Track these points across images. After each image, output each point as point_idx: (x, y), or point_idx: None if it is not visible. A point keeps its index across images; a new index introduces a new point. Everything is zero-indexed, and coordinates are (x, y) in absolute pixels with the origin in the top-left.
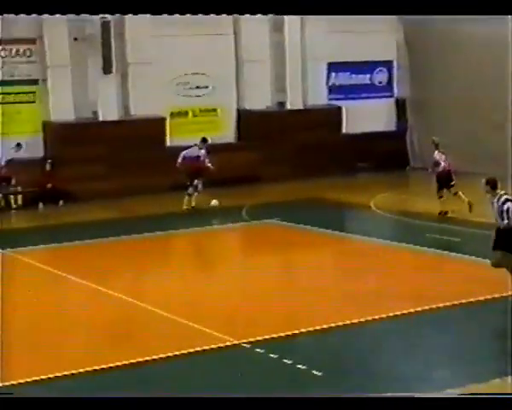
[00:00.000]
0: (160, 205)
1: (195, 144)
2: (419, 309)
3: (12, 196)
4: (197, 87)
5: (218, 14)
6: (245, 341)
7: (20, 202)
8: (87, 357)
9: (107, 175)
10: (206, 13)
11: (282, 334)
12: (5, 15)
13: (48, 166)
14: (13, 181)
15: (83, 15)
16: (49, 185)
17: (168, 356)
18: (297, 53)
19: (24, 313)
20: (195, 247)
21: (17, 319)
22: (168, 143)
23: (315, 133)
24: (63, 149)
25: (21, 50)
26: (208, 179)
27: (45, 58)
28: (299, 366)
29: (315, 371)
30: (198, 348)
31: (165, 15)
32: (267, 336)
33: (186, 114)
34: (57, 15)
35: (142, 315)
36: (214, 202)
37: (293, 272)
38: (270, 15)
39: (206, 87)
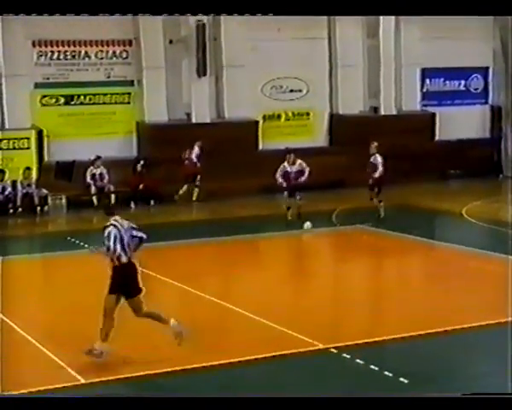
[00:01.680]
0: (251, 208)
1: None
2: (510, 320)
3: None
4: (291, 91)
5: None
6: (332, 346)
7: (112, 201)
8: (176, 356)
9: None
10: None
11: (370, 340)
12: (101, 16)
13: (140, 167)
14: (105, 180)
15: (178, 17)
16: (142, 186)
17: (256, 358)
18: (391, 58)
19: None
20: (286, 251)
21: None
22: (260, 147)
23: (407, 139)
24: (156, 150)
25: (118, 52)
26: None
27: (141, 60)
28: (386, 373)
29: (402, 379)
30: (286, 352)
31: (259, 18)
32: (354, 342)
33: (279, 117)
34: (153, 17)
35: (230, 317)
36: (307, 226)
37: (383, 278)
38: (365, 20)
39: (300, 91)
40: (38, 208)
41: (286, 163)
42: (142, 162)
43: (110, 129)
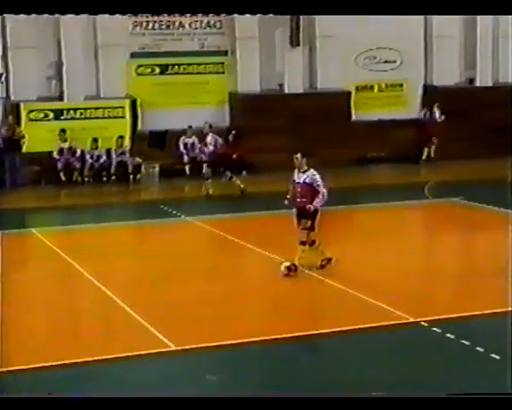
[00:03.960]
0: (344, 179)
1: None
2: None
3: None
4: (385, 62)
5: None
6: (423, 319)
7: (204, 170)
8: (266, 326)
9: (290, 147)
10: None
11: (461, 314)
12: None
13: (232, 137)
14: (197, 149)
15: None
16: (234, 156)
17: (342, 330)
18: (488, 30)
19: (197, 279)
20: (378, 222)
21: (197, 282)
22: (353, 118)
23: (503, 112)
24: (248, 120)
25: (212, 22)
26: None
27: (234, 30)
28: (478, 349)
29: (493, 355)
30: (376, 324)
31: None
32: (445, 316)
33: (371, 88)
34: None
35: (320, 288)
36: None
37: (475, 252)
38: None
39: (394, 62)
40: (131, 177)
41: None
42: (234, 132)
43: (203, 99)
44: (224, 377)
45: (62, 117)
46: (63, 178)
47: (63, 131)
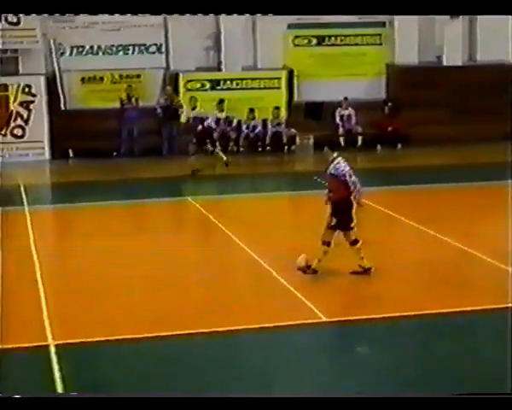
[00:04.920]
0: (496, 154)
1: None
2: None
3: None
4: None
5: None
6: None
7: (359, 143)
8: (411, 300)
9: (447, 121)
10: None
11: None
12: None
13: (388, 109)
14: (353, 120)
15: None
16: (390, 128)
17: (485, 309)
18: None
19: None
20: None
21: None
22: None
23: None
24: (404, 93)
25: None
26: None
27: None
28: None
29: None
30: None
31: None
32: None
33: None
34: None
35: (473, 263)
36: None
37: None
38: None
39: None
40: (286, 147)
41: None
42: (390, 104)
43: (359, 70)
44: (375, 351)
45: (219, 87)
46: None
47: (222, 101)
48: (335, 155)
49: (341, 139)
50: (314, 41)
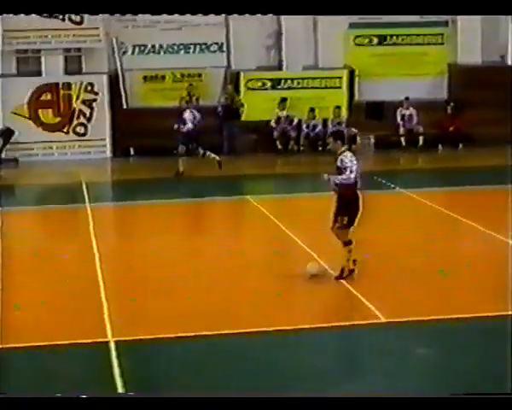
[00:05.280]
0: None
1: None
2: None
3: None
4: None
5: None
6: None
7: (421, 142)
8: (467, 302)
9: (510, 121)
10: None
11: None
12: None
13: (450, 109)
14: (415, 120)
15: None
16: (452, 128)
17: None
18: None
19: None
20: None
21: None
22: None
23: None
24: (467, 93)
25: None
26: None
27: None
28: None
29: None
30: None
31: None
32: None
33: None
34: None
35: None
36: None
37: None
38: None
39: None
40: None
41: None
42: (452, 104)
43: (420, 70)
44: (435, 352)
45: (279, 86)
46: (279, 147)
47: (284, 99)
48: (344, 148)
49: (402, 139)
50: (375, 40)
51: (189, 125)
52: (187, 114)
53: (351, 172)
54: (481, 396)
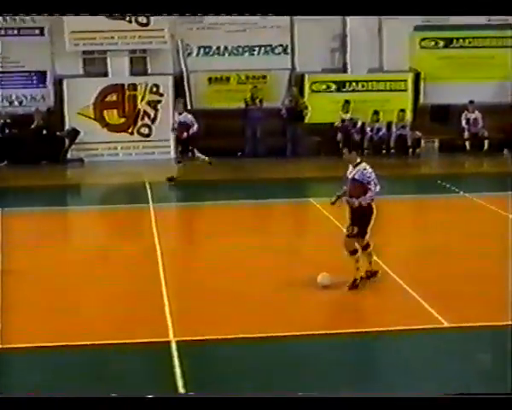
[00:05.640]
0: None
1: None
2: None
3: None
4: None
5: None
6: None
7: (485, 147)
8: None
9: None
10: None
11: None
12: None
13: None
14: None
15: None
16: None
17: None
18: None
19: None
20: None
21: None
22: None
23: None
24: None
25: None
26: None
27: None
28: None
29: None
30: None
31: None
32: None
33: None
34: None
35: None
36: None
37: None
38: None
39: None
40: (411, 150)
41: None
42: None
43: (486, 73)
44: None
45: (344, 89)
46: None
47: (347, 102)
48: (359, 159)
49: (467, 143)
50: (441, 43)
51: (194, 129)
52: (185, 118)
53: (375, 184)
54: (481, 396)
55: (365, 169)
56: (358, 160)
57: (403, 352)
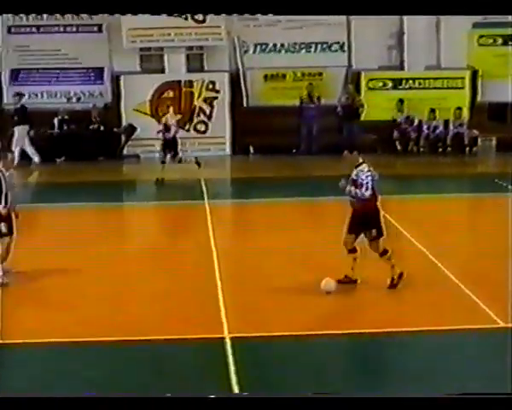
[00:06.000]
0: None
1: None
2: None
3: None
4: None
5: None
6: None
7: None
8: None
9: None
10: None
11: None
12: None
13: None
14: None
15: None
16: None
17: None
18: None
19: None
20: None
21: None
22: None
23: None
24: None
25: None
26: None
27: None
28: None
29: None
30: None
31: None
32: None
33: None
34: None
35: None
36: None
37: None
38: None
39: None
40: (467, 149)
41: None
42: None
43: (505, 72)
44: None
45: (401, 86)
46: (398, 147)
47: (401, 101)
48: (361, 160)
49: None
50: (500, 41)
51: (173, 132)
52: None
53: (366, 189)
54: (481, 396)
55: (362, 171)
56: (360, 160)
57: (457, 351)
